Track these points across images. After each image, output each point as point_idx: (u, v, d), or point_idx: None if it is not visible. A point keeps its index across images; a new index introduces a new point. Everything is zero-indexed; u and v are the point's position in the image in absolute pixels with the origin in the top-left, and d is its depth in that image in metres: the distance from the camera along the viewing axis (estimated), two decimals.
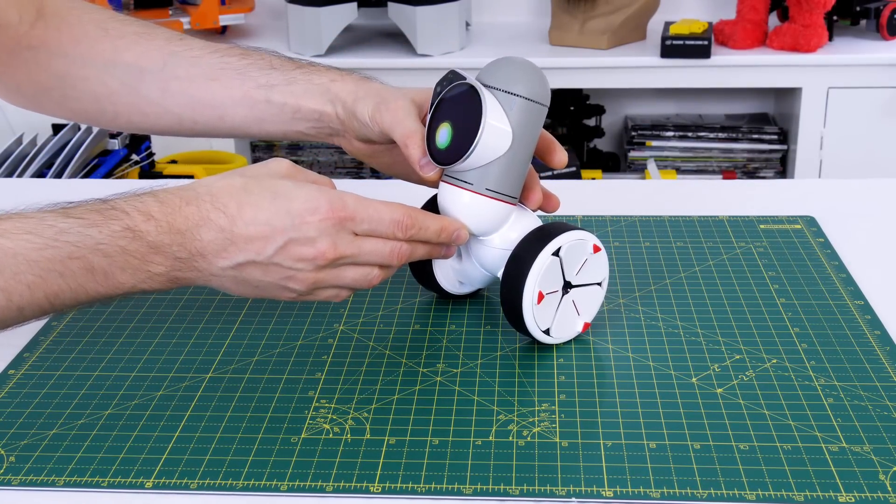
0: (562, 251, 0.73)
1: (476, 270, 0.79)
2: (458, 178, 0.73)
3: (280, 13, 2.33)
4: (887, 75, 2.10)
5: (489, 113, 0.69)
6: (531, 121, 0.72)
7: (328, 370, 0.74)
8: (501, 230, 0.75)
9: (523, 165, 0.73)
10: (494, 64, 0.72)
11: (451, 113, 0.72)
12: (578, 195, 1.06)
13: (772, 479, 0.61)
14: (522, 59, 0.72)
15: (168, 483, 0.62)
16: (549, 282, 0.73)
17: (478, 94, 0.70)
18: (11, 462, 0.64)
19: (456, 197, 0.73)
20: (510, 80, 0.71)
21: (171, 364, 0.75)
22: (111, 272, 0.65)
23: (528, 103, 0.71)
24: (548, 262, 0.72)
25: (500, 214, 0.73)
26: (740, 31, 2.13)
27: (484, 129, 0.69)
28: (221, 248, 0.67)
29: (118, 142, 1.90)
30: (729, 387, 0.71)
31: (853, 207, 1.00)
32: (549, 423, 0.67)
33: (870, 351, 0.74)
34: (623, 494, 0.61)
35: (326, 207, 0.67)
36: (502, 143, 0.71)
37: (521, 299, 0.72)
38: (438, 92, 0.73)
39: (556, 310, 0.74)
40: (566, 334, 0.76)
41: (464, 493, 0.61)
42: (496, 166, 0.71)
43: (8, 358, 0.76)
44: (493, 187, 0.72)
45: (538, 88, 0.71)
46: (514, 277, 0.72)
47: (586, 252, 0.75)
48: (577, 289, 0.75)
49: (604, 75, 2.14)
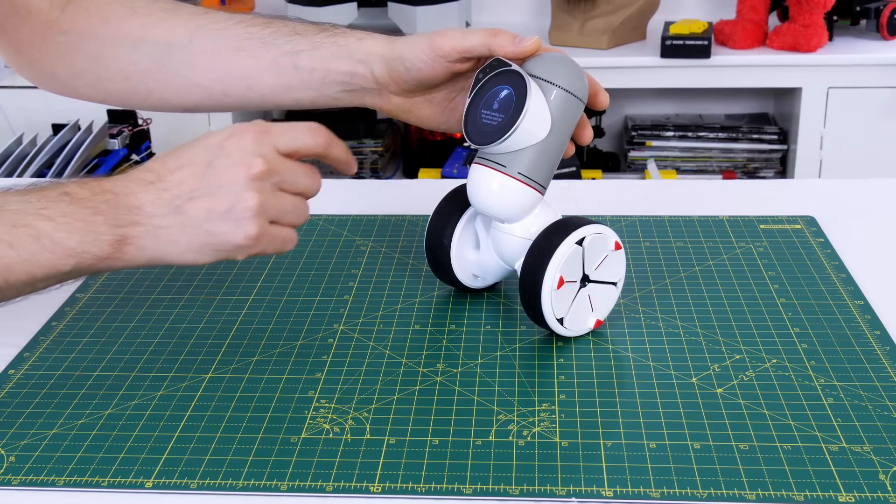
0: (585, 241, 0.74)
1: (493, 262, 0.80)
2: (492, 160, 0.74)
3: (280, 13, 2.33)
4: (887, 75, 2.10)
5: (533, 97, 0.71)
6: (569, 113, 0.74)
7: (328, 370, 0.74)
8: (525, 220, 0.76)
9: (556, 157, 0.75)
10: (539, 57, 0.74)
11: (494, 96, 0.73)
12: (578, 195, 1.06)
13: (772, 479, 0.61)
14: (566, 56, 0.75)
15: (168, 483, 0.62)
16: (569, 270, 0.74)
17: (523, 79, 0.72)
18: (11, 462, 0.64)
19: (488, 178, 0.74)
20: (553, 72, 0.73)
21: (171, 364, 0.75)
22: (57, 237, 0.66)
23: (568, 96, 0.73)
24: (571, 249, 0.73)
25: (527, 201, 0.75)
26: (740, 31, 2.13)
27: (527, 111, 0.71)
28: (155, 196, 0.68)
29: (118, 142, 1.90)
30: (729, 387, 0.71)
31: (853, 207, 1.00)
32: (549, 423, 0.67)
33: (870, 351, 0.74)
34: (623, 494, 0.61)
35: (241, 128, 0.69)
36: (541, 129, 0.72)
37: (541, 282, 0.72)
38: (481, 77, 0.74)
39: (572, 300, 0.75)
40: (579, 328, 0.76)
41: (464, 493, 0.61)
42: (531, 152, 0.73)
43: (8, 358, 0.76)
44: (525, 172, 0.73)
45: (578, 84, 0.74)
46: (538, 260, 0.73)
47: (607, 248, 0.76)
48: (595, 284, 0.76)
49: (604, 75, 2.13)
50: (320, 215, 1.00)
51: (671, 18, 2.31)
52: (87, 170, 1.84)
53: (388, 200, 1.02)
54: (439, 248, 0.81)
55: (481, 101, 0.73)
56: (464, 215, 0.81)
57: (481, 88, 0.74)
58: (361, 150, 2.33)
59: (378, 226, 0.97)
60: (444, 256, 0.81)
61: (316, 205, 1.03)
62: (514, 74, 0.72)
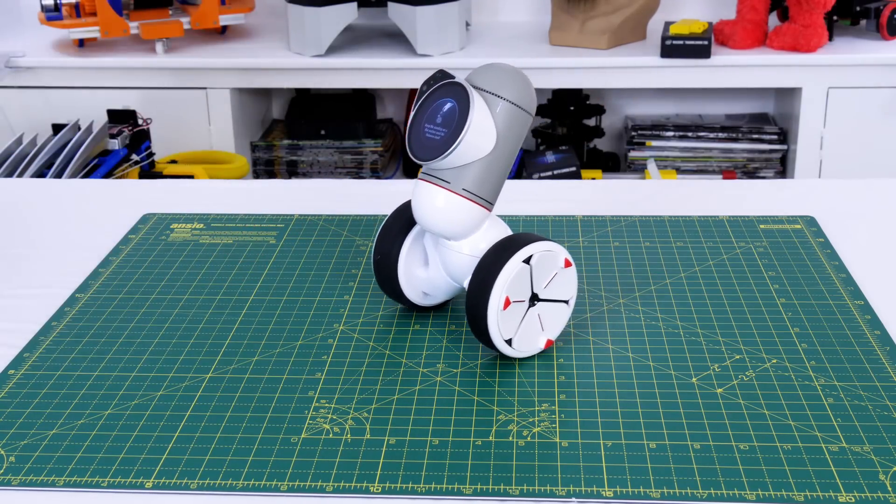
0: (533, 259, 0.71)
1: (442, 279, 0.78)
2: (437, 175, 0.72)
3: (280, 13, 2.33)
4: (887, 75, 2.10)
5: (476, 111, 0.69)
6: (515, 126, 0.71)
7: (328, 370, 0.74)
8: (473, 236, 0.74)
9: (503, 171, 0.72)
10: (484, 68, 0.72)
11: (437, 109, 0.71)
12: (578, 195, 1.06)
13: (772, 479, 0.61)
14: (512, 66, 0.72)
15: (168, 483, 0.62)
16: (517, 289, 0.71)
17: (466, 92, 0.70)
18: (11, 462, 0.64)
19: (432, 194, 0.72)
20: (499, 84, 0.71)
21: (171, 364, 0.75)
22: None
23: (514, 108, 0.71)
24: (518, 267, 0.71)
25: (474, 218, 0.73)
26: (740, 31, 2.13)
27: (470, 125, 0.69)
28: None
29: (118, 142, 1.89)
30: (729, 387, 0.71)
31: (853, 207, 1.00)
32: (549, 423, 0.67)
33: (870, 351, 0.74)
34: (623, 494, 0.61)
35: None
36: (486, 143, 0.70)
37: (487, 302, 0.70)
38: (425, 90, 0.72)
39: (520, 321, 0.73)
40: (528, 349, 0.74)
41: (464, 493, 0.61)
42: (477, 167, 0.71)
43: (8, 358, 0.76)
44: (471, 188, 0.71)
45: (525, 96, 0.71)
46: (483, 279, 0.70)
47: (557, 265, 0.74)
48: (544, 303, 0.74)
49: (604, 75, 2.14)
50: (320, 215, 1.00)
51: (671, 18, 2.31)
52: (88, 170, 1.84)
53: (387, 200, 1.02)
54: (387, 265, 0.78)
55: (424, 115, 0.71)
56: (412, 231, 0.78)
57: (425, 101, 0.72)
58: (361, 150, 2.33)
59: (378, 226, 0.97)
60: (391, 274, 0.78)
61: (316, 205, 1.03)
62: (458, 87, 0.70)
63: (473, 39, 2.26)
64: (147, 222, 1.00)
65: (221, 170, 2.06)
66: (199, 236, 0.97)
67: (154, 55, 2.17)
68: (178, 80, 2.16)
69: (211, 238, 0.96)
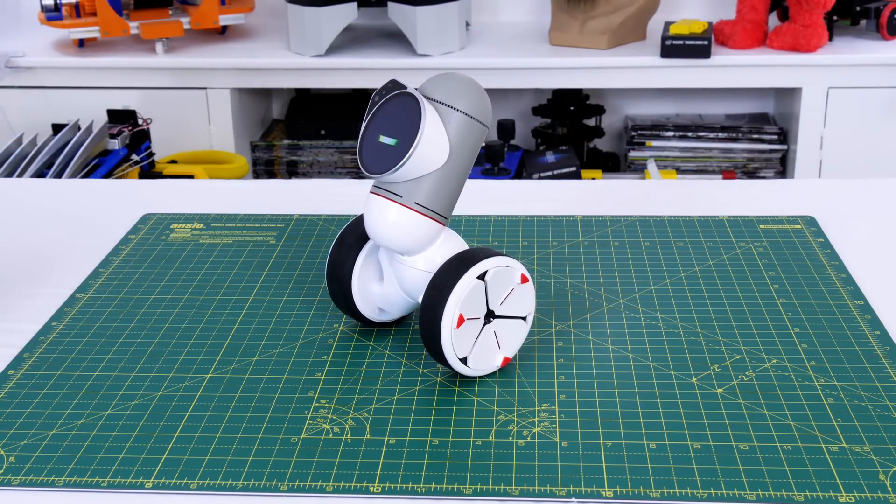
0: (488, 275, 0.69)
1: (397, 295, 0.76)
2: (388, 189, 0.70)
3: (280, 13, 2.33)
4: (887, 75, 2.10)
5: (428, 123, 0.67)
6: (470, 139, 0.70)
7: (328, 370, 0.74)
8: (427, 251, 0.72)
9: (457, 185, 0.71)
10: (438, 78, 0.70)
11: (388, 122, 0.69)
12: (578, 195, 1.06)
13: (772, 479, 0.61)
14: (467, 77, 0.71)
15: (168, 483, 0.62)
16: (471, 306, 0.69)
17: (418, 103, 0.68)
18: (11, 462, 0.64)
19: (384, 208, 0.70)
20: (453, 95, 0.69)
21: (171, 364, 0.75)
22: None
23: (468, 120, 0.69)
24: (472, 284, 0.69)
25: (427, 232, 0.71)
26: (740, 31, 2.13)
27: (421, 138, 0.67)
28: None
29: (118, 142, 1.90)
30: (729, 387, 0.71)
31: (853, 207, 1.00)
32: (549, 423, 0.67)
33: (870, 351, 0.74)
34: (623, 494, 0.61)
35: None
36: (438, 156, 0.69)
37: (440, 319, 0.68)
38: (377, 101, 0.70)
39: (475, 338, 0.71)
40: (484, 367, 0.72)
41: (464, 493, 0.61)
42: (430, 180, 0.69)
43: (8, 358, 0.76)
44: (423, 202, 0.70)
45: (480, 107, 0.70)
46: (436, 296, 0.68)
47: (513, 281, 0.72)
48: (500, 320, 0.72)
49: (604, 75, 2.14)
50: (320, 215, 1.00)
51: (671, 18, 2.31)
52: (87, 170, 1.84)
53: None
54: (340, 280, 0.76)
55: (376, 127, 0.69)
56: (366, 245, 0.76)
57: (377, 112, 0.70)
58: None
59: None
60: (345, 289, 0.76)
61: (316, 205, 1.03)
62: (410, 98, 0.68)
63: (473, 39, 2.26)
64: (147, 222, 1.00)
65: (221, 170, 2.06)
66: (199, 236, 0.97)
67: (154, 55, 2.17)
68: (178, 80, 2.17)
69: (211, 238, 0.96)
